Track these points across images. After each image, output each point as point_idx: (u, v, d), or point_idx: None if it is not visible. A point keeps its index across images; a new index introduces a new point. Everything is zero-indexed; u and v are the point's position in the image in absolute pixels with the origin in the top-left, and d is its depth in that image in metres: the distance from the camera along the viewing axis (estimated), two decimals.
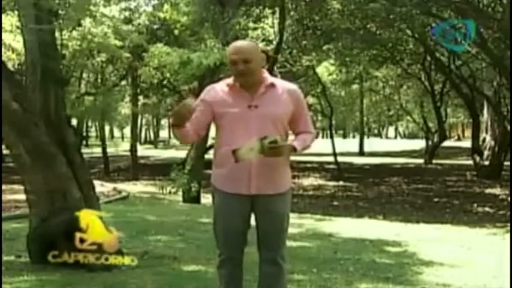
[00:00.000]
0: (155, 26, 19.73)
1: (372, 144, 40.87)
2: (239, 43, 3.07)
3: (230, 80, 3.02)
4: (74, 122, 18.42)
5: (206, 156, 14.78)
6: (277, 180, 3.00)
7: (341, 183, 18.86)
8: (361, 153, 36.57)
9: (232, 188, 2.97)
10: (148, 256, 5.10)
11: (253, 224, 3.08)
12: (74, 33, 15.19)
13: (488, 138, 20.01)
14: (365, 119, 41.97)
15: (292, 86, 3.11)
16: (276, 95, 2.99)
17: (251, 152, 2.84)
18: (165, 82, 20.45)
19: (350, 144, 41.21)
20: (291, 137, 3.12)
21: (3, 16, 12.10)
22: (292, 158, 3.16)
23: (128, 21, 19.29)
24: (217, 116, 2.97)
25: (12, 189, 11.34)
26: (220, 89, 3.03)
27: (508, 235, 7.37)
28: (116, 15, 19.83)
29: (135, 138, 25.00)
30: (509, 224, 8.83)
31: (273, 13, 17.78)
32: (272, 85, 3.01)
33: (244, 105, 2.95)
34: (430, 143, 29.30)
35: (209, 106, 2.98)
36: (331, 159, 22.21)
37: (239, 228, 3.02)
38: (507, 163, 18.75)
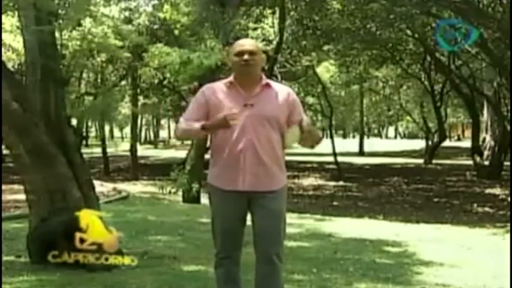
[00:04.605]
0: (155, 26, 19.71)
1: (372, 144, 40.87)
2: (244, 39, 3.27)
3: (229, 79, 3.09)
4: (74, 122, 18.39)
5: (206, 156, 14.78)
6: (269, 178, 3.04)
7: (341, 183, 18.84)
8: (361, 153, 36.55)
9: (228, 185, 3.02)
10: (148, 256, 5.10)
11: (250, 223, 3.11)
12: (74, 33, 15.17)
13: (488, 138, 20.00)
14: (365, 119, 42.00)
15: (287, 88, 3.22)
16: (271, 95, 3.07)
17: (294, 136, 2.98)
18: (165, 82, 20.44)
19: (350, 144, 41.20)
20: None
21: (3, 16, 12.09)
22: (292, 158, 3.18)
23: (128, 21, 19.26)
24: (213, 114, 3.01)
25: (12, 189, 11.33)
26: (217, 87, 3.11)
27: (508, 235, 7.38)
28: (116, 15, 19.83)
29: (135, 138, 24.99)
30: (509, 224, 8.83)
31: (273, 13, 17.77)
32: (268, 85, 3.10)
33: (240, 104, 3.01)
34: (430, 143, 29.30)
35: (205, 104, 3.05)
36: (331, 159, 22.18)
37: (236, 226, 3.07)
38: (507, 163, 18.74)
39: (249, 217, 3.12)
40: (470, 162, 20.61)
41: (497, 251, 6.16)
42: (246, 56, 3.00)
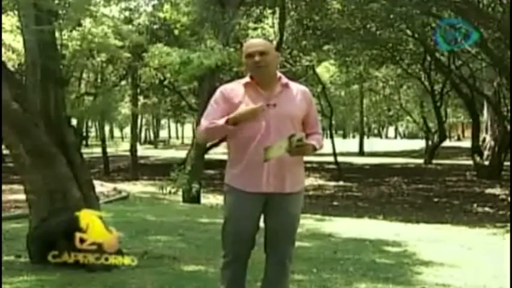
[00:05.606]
0: (155, 26, 19.72)
1: (372, 144, 40.90)
2: (254, 39, 3.21)
3: (245, 80, 3.02)
4: (74, 122, 18.39)
5: (206, 156, 14.77)
6: (292, 179, 3.00)
7: (341, 183, 18.85)
8: (361, 153, 36.58)
9: (250, 186, 2.95)
10: (148, 256, 5.09)
11: (261, 225, 3.09)
12: (74, 33, 15.17)
13: (488, 138, 20.00)
14: (365, 119, 41.99)
15: (305, 88, 3.17)
16: (291, 95, 3.03)
17: (279, 149, 2.86)
18: (165, 82, 20.46)
19: (350, 144, 41.23)
20: None
21: (3, 16, 12.10)
22: None
23: (128, 21, 19.28)
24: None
25: (12, 189, 11.33)
26: (235, 87, 3.03)
27: (508, 235, 7.38)
28: (116, 15, 19.83)
29: (135, 138, 25.00)
30: (509, 224, 8.83)
31: (273, 13, 17.80)
32: (287, 85, 3.04)
33: (262, 104, 2.95)
34: (430, 143, 29.30)
35: (226, 103, 2.97)
36: (331, 159, 22.20)
37: (250, 229, 3.01)
38: (507, 163, 18.74)
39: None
40: (470, 162, 20.62)
41: (497, 251, 6.16)
42: (256, 58, 2.93)
